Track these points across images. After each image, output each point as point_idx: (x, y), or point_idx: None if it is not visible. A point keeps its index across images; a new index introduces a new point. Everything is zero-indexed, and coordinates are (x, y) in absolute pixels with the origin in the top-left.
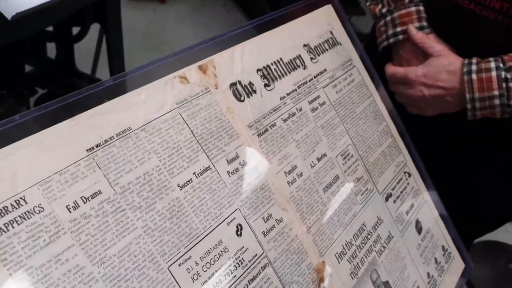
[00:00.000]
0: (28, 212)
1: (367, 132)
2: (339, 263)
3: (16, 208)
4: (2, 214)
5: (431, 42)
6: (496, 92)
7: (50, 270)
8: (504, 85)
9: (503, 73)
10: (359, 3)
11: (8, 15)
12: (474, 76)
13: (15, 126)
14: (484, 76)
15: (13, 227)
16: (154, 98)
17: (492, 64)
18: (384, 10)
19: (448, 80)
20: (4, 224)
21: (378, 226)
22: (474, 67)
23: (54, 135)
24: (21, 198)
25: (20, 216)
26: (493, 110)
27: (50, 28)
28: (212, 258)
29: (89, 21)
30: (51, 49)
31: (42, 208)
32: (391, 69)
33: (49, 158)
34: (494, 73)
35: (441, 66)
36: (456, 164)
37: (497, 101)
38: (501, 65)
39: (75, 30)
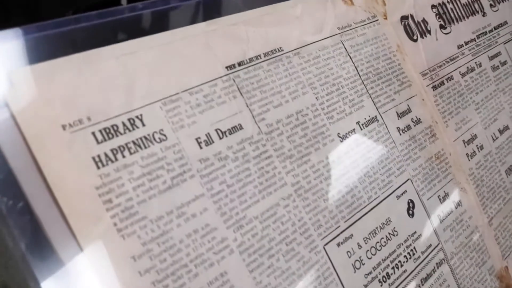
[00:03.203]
0: (146, 138)
1: None
2: None
3: (130, 130)
4: (110, 136)
5: None
6: None
7: (170, 227)
8: None
9: None
10: None
11: None
12: None
13: (136, 18)
14: None
15: (123, 156)
16: (311, 15)
17: None
18: None
19: None
20: (111, 150)
21: None
22: None
23: (185, 39)
24: (137, 117)
25: (134, 142)
26: None
27: None
28: (378, 242)
29: None
30: None
31: (165, 136)
32: None
33: (177, 70)
34: None
35: None
36: None
37: None
38: None
39: None
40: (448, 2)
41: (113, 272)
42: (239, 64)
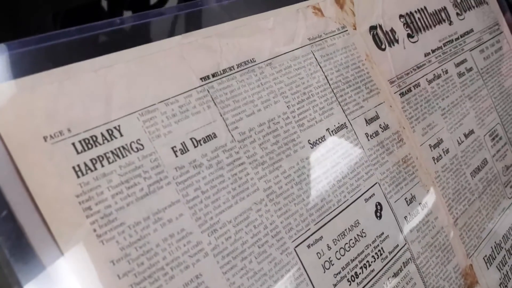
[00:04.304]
0: (123, 148)
1: None
2: (487, 269)
3: (108, 141)
4: (90, 146)
5: None
6: None
7: (147, 232)
8: None
9: None
10: None
11: None
12: None
13: (114, 33)
14: None
15: (102, 166)
16: (283, 27)
17: None
18: None
19: None
20: (91, 160)
21: None
22: None
23: (161, 52)
24: (115, 127)
25: (112, 152)
26: None
27: None
28: (347, 243)
29: None
30: None
31: (142, 145)
32: None
33: (153, 81)
34: None
35: None
36: None
37: None
38: None
39: None
40: (415, 11)
41: (93, 275)
42: (213, 75)
